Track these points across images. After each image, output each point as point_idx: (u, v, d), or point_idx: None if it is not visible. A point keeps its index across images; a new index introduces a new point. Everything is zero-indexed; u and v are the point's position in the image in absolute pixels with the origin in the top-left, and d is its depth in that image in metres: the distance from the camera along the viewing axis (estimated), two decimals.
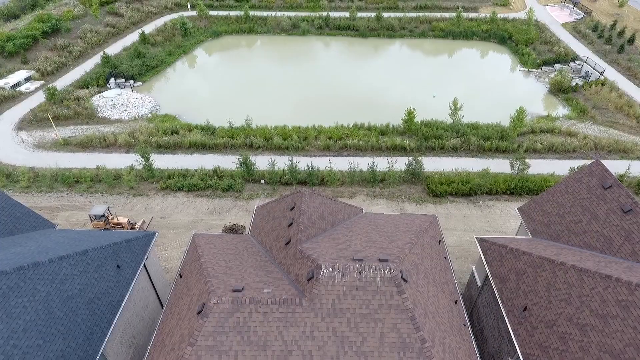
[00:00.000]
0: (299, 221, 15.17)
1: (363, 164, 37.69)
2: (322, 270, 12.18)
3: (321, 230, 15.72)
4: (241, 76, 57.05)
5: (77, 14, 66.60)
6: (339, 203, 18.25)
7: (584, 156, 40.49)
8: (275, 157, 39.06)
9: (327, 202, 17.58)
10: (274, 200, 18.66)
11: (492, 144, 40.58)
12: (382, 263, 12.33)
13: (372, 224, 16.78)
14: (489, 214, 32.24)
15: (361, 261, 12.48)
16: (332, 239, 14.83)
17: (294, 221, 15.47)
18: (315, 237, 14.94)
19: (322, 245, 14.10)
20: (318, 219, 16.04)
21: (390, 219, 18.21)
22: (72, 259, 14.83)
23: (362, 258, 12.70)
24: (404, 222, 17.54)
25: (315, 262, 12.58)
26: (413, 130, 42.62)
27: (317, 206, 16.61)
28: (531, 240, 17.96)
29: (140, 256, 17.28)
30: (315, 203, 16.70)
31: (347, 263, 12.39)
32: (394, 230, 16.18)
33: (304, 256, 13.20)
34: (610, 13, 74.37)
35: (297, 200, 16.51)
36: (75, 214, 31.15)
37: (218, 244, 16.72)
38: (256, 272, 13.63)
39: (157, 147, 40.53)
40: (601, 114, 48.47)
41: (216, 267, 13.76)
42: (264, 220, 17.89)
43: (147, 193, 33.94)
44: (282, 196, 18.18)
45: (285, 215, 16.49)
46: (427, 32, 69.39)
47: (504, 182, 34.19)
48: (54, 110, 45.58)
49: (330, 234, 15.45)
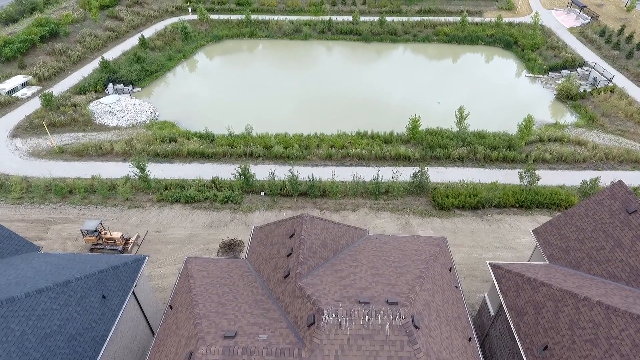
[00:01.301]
0: (298, 251, 13.97)
1: (366, 174, 36.50)
2: (323, 315, 10.92)
3: (323, 259, 14.51)
4: (242, 81, 56.01)
5: (76, 17, 65.71)
6: (342, 226, 17.04)
7: (595, 167, 39.17)
8: (275, 166, 37.96)
9: (329, 226, 16.36)
10: (272, 223, 17.46)
11: (500, 154, 39.31)
12: (391, 307, 11.09)
13: (377, 250, 15.56)
14: (498, 228, 30.93)
15: (368, 304, 11.25)
16: (334, 270, 13.62)
17: (293, 251, 14.27)
18: (317, 269, 13.72)
19: (324, 280, 12.89)
20: (320, 247, 14.83)
21: (397, 242, 16.99)
22: (52, 292, 13.67)
23: (369, 299, 11.45)
24: (411, 246, 16.31)
25: (316, 304, 11.34)
26: (418, 139, 41.40)
27: (318, 233, 15.39)
28: (549, 268, 16.70)
29: (129, 284, 16.10)
30: (316, 229, 15.47)
31: (352, 307, 11.13)
32: (401, 257, 14.96)
33: (303, 295, 11.98)
34: (617, 18, 73.03)
35: (297, 227, 15.30)
36: (68, 228, 30.01)
37: (212, 271, 15.53)
38: (251, 311, 12.43)
39: (155, 155, 39.43)
40: (611, 122, 47.14)
41: (208, 303, 12.57)
42: (261, 245, 16.68)
43: (142, 205, 32.80)
44: (281, 220, 16.97)
45: (284, 242, 15.28)
46: (431, 37, 68.22)
47: (512, 195, 32.89)
48: (50, 117, 44.57)
49: (333, 264, 14.23)
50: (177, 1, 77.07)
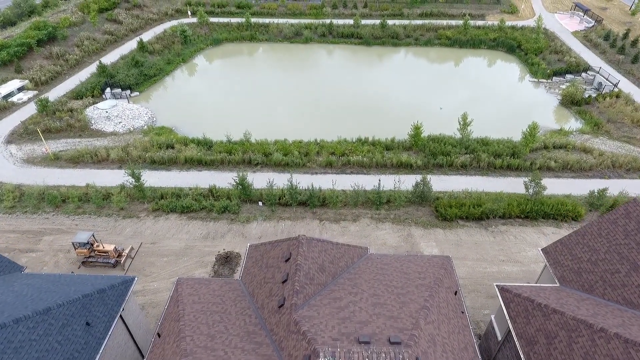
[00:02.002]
0: (294, 278, 13.09)
1: (367, 182, 35.66)
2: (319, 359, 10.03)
3: (320, 285, 13.65)
4: (241, 85, 55.27)
5: (74, 21, 65.07)
6: (341, 246, 16.15)
7: (601, 175, 38.23)
8: (274, 174, 37.14)
9: (327, 247, 15.47)
10: (268, 243, 16.59)
11: (504, 162, 38.40)
12: (394, 347, 10.20)
13: (379, 273, 14.68)
14: (503, 240, 30.00)
15: (368, 344, 10.36)
16: (333, 299, 12.74)
17: (289, 277, 13.40)
18: (314, 298, 12.85)
19: (322, 312, 12.02)
20: (317, 272, 13.97)
21: (399, 263, 16.11)
22: (30, 321, 12.83)
23: (369, 338, 10.56)
24: (415, 268, 15.42)
25: (312, 343, 10.47)
26: (420, 146, 40.52)
27: (315, 256, 14.52)
28: (560, 291, 15.80)
29: (115, 308, 15.25)
30: (313, 253, 14.60)
31: (351, 347, 10.24)
32: (404, 282, 14.08)
33: (299, 331, 11.10)
34: (622, 21, 72.10)
35: (293, 250, 14.42)
36: (60, 239, 29.18)
37: (203, 294, 14.67)
38: (242, 345, 11.56)
39: (151, 162, 38.64)
40: (616, 128, 46.20)
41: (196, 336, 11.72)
42: (256, 266, 15.82)
43: (137, 215, 31.96)
44: (277, 240, 16.10)
45: (279, 265, 14.42)
46: (433, 40, 67.39)
47: (518, 205, 31.96)
48: (45, 123, 43.83)
49: (331, 291, 13.36)
50: (177, 4, 76.43)
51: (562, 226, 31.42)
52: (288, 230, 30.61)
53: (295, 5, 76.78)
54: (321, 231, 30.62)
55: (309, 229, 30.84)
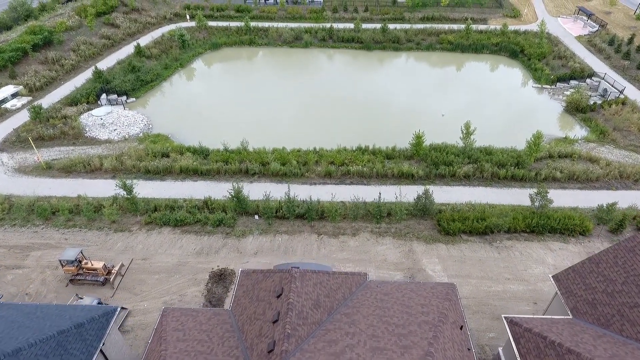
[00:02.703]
0: (285, 319, 12.04)
1: (367, 193, 34.63)
2: None
3: (315, 325, 12.59)
4: (240, 91, 54.33)
5: (71, 25, 64.22)
6: (338, 276, 15.08)
7: (609, 186, 37.10)
8: (272, 184, 36.13)
9: (323, 280, 14.40)
10: (260, 271, 15.54)
11: (508, 172, 37.30)
12: None
13: (378, 307, 13.61)
14: (508, 257, 28.88)
15: None
16: (328, 342, 11.69)
17: (280, 317, 12.36)
18: (307, 341, 11.80)
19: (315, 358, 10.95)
20: (311, 310, 12.92)
21: (400, 293, 15.03)
22: None
23: None
24: (417, 300, 14.35)
25: None
26: (421, 155, 39.45)
27: (310, 290, 13.47)
28: (573, 325, 14.70)
29: (95, 344, 14.18)
30: (307, 287, 13.54)
31: None
32: (406, 319, 13.01)
33: None
34: (626, 26, 70.99)
35: (286, 285, 13.36)
36: (48, 254, 28.14)
37: (189, 329, 13.61)
38: None
39: (146, 172, 37.64)
40: (623, 136, 45.08)
41: None
42: (247, 297, 14.77)
43: (129, 228, 30.91)
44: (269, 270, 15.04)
45: (270, 301, 13.36)
46: (435, 45, 66.39)
47: (523, 219, 30.84)
48: (38, 130, 42.90)
49: (326, 330, 12.30)
50: (176, 8, 75.64)
51: (570, 241, 30.31)
52: (285, 246, 29.56)
53: (295, 9, 75.92)
54: (319, 246, 29.55)
55: (306, 243, 29.78)
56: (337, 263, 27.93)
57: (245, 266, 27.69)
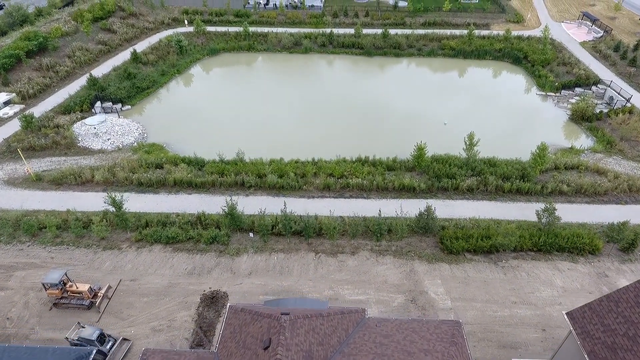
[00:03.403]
0: None
1: (367, 207, 33.44)
2: None
3: None
4: (237, 98, 53.19)
5: (67, 30, 63.17)
6: (333, 317, 13.84)
7: (618, 200, 35.80)
8: (268, 198, 34.93)
9: (316, 325, 13.13)
10: (248, 311, 14.29)
11: (513, 185, 36.01)
12: None
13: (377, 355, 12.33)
14: (514, 278, 27.55)
15: None
16: None
17: None
18: None
19: None
20: None
21: (402, 334, 13.80)
22: None
23: None
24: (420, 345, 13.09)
25: None
26: (423, 167, 38.18)
27: (301, 340, 12.21)
28: None
29: None
30: (299, 337, 12.29)
31: None
32: None
33: None
34: (632, 32, 69.78)
35: (274, 336, 12.08)
36: (32, 275, 26.90)
37: None
38: None
39: (138, 185, 36.42)
40: (631, 146, 43.78)
41: None
42: (233, 340, 13.54)
43: (119, 246, 29.67)
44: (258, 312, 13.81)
45: (257, 352, 12.11)
46: (437, 51, 65.20)
47: (530, 238, 29.53)
48: (29, 140, 41.74)
49: None
50: (174, 13, 74.66)
51: (579, 261, 29.00)
52: (281, 265, 28.29)
53: (295, 14, 74.87)
54: (316, 266, 28.28)
55: (303, 263, 28.52)
56: (335, 285, 26.66)
57: (238, 287, 26.44)
